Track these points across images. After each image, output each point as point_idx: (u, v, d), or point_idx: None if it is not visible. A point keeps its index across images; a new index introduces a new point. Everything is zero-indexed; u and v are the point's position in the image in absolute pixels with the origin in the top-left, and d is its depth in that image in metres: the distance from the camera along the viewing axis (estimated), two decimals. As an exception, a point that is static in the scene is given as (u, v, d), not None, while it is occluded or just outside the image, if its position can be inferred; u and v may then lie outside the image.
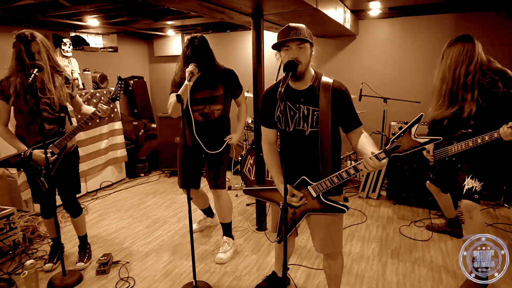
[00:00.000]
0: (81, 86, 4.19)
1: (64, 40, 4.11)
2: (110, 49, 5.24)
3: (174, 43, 5.76)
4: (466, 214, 2.34)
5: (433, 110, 2.48)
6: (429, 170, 2.87)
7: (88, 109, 2.61)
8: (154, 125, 5.32)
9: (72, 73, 4.18)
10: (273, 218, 2.09)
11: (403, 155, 1.50)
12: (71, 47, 4.21)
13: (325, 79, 1.76)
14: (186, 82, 2.37)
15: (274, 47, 1.72)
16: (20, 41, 2.26)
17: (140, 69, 6.17)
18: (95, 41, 5.07)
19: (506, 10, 3.94)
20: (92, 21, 4.01)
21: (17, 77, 2.30)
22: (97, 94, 4.20)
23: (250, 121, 4.20)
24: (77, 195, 2.72)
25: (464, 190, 2.35)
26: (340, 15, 3.50)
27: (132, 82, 5.68)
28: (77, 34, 4.76)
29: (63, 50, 4.10)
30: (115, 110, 4.49)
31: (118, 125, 4.52)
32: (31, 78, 2.10)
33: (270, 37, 4.85)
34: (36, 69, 2.15)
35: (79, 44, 4.74)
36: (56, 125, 2.45)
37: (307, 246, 2.91)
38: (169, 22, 4.34)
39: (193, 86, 2.50)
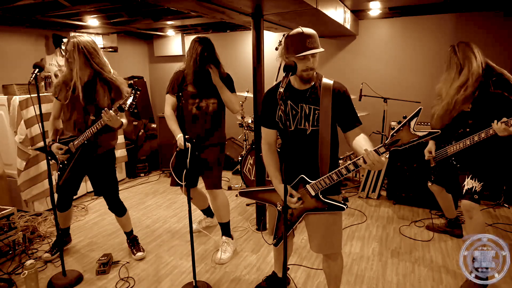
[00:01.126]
0: None
1: (64, 40, 4.11)
2: (110, 49, 5.23)
3: (174, 43, 5.76)
4: (466, 214, 2.34)
5: (444, 122, 2.45)
6: (429, 170, 2.87)
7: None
8: (154, 125, 5.32)
9: None
10: (270, 220, 2.09)
11: (402, 148, 1.51)
12: (71, 47, 4.21)
13: (325, 80, 1.78)
14: (178, 140, 2.57)
15: (289, 55, 1.70)
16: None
17: (140, 69, 6.17)
18: (95, 41, 5.05)
19: (505, 10, 3.95)
20: (92, 21, 4.01)
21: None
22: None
23: (250, 121, 4.20)
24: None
25: (464, 190, 2.36)
26: (340, 15, 3.50)
27: (132, 82, 5.68)
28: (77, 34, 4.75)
29: (63, 50, 4.10)
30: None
31: (118, 125, 4.51)
32: (32, 77, 2.12)
33: (270, 37, 4.86)
34: (37, 69, 2.16)
35: (79, 44, 4.74)
36: (85, 126, 2.48)
37: (307, 246, 2.91)
38: (169, 22, 4.34)
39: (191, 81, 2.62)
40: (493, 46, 4.01)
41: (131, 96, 2.32)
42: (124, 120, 2.51)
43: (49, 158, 2.64)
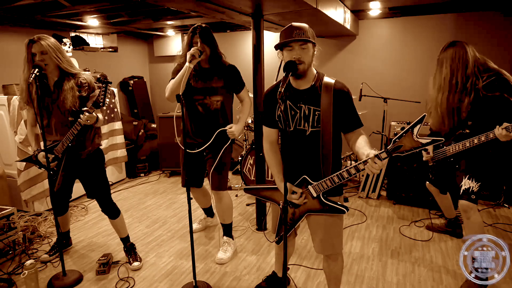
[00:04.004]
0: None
1: (64, 40, 4.11)
2: (110, 49, 5.24)
3: (174, 43, 5.76)
4: (464, 215, 2.34)
5: (434, 124, 2.50)
6: (429, 170, 2.87)
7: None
8: (154, 125, 5.32)
9: None
10: (273, 218, 2.09)
11: (404, 155, 1.50)
12: (71, 47, 4.21)
13: (327, 79, 1.76)
14: (187, 64, 2.34)
15: (277, 47, 1.72)
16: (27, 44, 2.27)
17: (140, 69, 6.17)
18: (95, 41, 5.07)
19: (504, 10, 3.94)
20: (92, 21, 4.01)
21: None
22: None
23: (250, 121, 4.20)
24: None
25: (461, 191, 2.35)
26: (340, 15, 3.50)
27: (132, 82, 5.68)
28: (77, 34, 4.76)
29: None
30: (115, 110, 4.49)
31: (118, 125, 4.52)
32: (32, 77, 2.11)
33: (270, 37, 4.86)
34: (36, 69, 2.15)
35: (79, 44, 4.75)
36: (66, 129, 2.39)
37: (307, 246, 2.91)
38: (169, 22, 4.34)
39: (195, 75, 2.54)
40: (493, 46, 4.01)
41: (103, 91, 2.23)
42: (100, 116, 2.39)
43: (38, 166, 2.58)
